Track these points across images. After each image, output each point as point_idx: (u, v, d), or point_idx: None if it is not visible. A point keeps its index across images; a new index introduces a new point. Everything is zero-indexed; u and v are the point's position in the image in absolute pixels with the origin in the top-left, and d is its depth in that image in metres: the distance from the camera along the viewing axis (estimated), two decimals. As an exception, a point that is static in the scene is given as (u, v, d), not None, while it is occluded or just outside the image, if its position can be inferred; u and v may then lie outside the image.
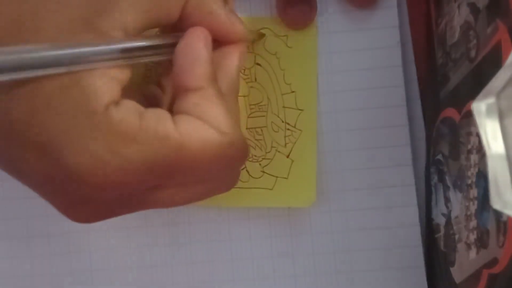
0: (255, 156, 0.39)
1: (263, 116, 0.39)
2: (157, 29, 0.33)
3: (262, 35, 0.39)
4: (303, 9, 0.38)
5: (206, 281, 0.40)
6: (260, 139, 0.39)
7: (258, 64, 0.39)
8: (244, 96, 0.39)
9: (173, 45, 0.31)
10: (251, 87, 0.39)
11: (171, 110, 0.31)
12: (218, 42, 0.33)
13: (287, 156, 0.39)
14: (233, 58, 0.33)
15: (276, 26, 0.39)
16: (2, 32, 0.28)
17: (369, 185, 0.39)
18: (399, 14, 0.39)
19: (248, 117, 0.39)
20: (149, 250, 0.40)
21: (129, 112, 0.28)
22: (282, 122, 0.39)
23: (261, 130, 0.39)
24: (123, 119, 0.28)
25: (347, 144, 0.39)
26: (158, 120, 0.29)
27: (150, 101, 0.32)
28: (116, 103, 0.28)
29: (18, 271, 0.40)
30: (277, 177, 0.39)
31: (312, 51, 0.39)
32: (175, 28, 0.32)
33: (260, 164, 0.39)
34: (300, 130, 0.39)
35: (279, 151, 0.39)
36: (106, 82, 0.28)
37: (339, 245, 0.39)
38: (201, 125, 0.30)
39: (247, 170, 0.39)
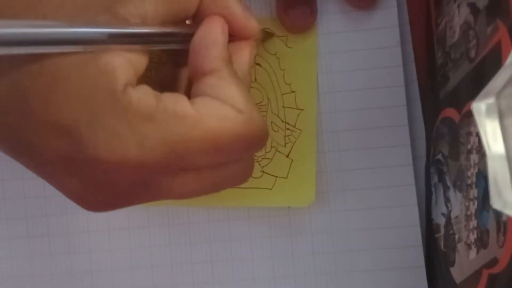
0: (255, 156, 0.39)
1: (263, 116, 0.39)
2: None
3: (270, 35, 0.39)
4: (304, 11, 0.38)
5: (206, 281, 0.40)
6: (260, 139, 0.39)
7: (258, 64, 0.39)
8: None
9: (189, 35, 0.32)
10: (251, 87, 0.39)
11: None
12: (230, 37, 0.33)
13: (287, 156, 0.39)
14: (244, 53, 0.34)
15: (276, 26, 0.39)
16: (20, 6, 0.28)
17: (369, 185, 0.39)
18: (399, 14, 0.39)
19: (248, 117, 0.39)
20: (149, 250, 0.40)
21: (147, 93, 0.29)
22: (282, 122, 0.39)
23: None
24: (141, 99, 0.28)
25: (347, 144, 0.39)
26: (175, 100, 0.29)
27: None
28: (133, 85, 0.29)
29: (18, 271, 0.40)
30: (276, 177, 0.39)
31: (312, 51, 0.39)
32: (194, 20, 0.33)
33: (259, 164, 0.39)
34: (300, 130, 0.39)
35: (278, 151, 0.39)
36: (123, 64, 0.28)
37: (339, 245, 0.39)
38: (218, 103, 0.30)
39: (247, 170, 0.39)
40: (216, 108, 0.29)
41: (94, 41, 0.28)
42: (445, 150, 0.36)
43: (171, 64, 0.34)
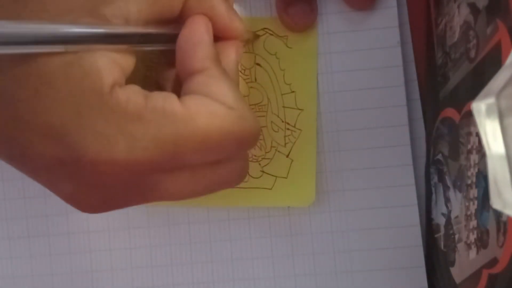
0: (255, 156, 0.39)
1: (263, 116, 0.39)
2: None
3: (257, 36, 0.39)
4: (304, 9, 0.38)
5: (206, 281, 0.40)
6: (260, 139, 0.39)
7: (258, 64, 0.39)
8: (244, 96, 0.39)
9: (173, 36, 0.31)
10: (251, 87, 0.39)
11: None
12: (216, 38, 0.33)
13: (287, 156, 0.39)
14: (230, 52, 0.34)
15: (276, 26, 0.39)
16: (3, 9, 0.28)
17: (369, 185, 0.39)
18: (399, 14, 0.39)
19: (248, 117, 0.39)
20: (149, 250, 0.40)
21: (135, 92, 0.29)
22: (282, 122, 0.39)
23: (261, 130, 0.39)
24: (129, 99, 0.28)
25: (347, 144, 0.39)
26: (164, 99, 0.29)
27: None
28: (120, 85, 0.28)
29: (18, 271, 0.40)
30: (276, 176, 0.39)
31: (312, 51, 0.39)
32: (178, 21, 0.32)
33: (259, 164, 0.39)
34: (300, 129, 0.39)
35: (278, 151, 0.39)
36: (108, 64, 0.28)
37: (339, 245, 0.39)
38: (208, 100, 0.30)
39: (247, 170, 0.39)
40: (206, 105, 0.29)
41: (76, 41, 0.28)
42: (445, 150, 0.36)
43: (166, 63, 0.34)
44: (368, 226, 0.39)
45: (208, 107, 0.29)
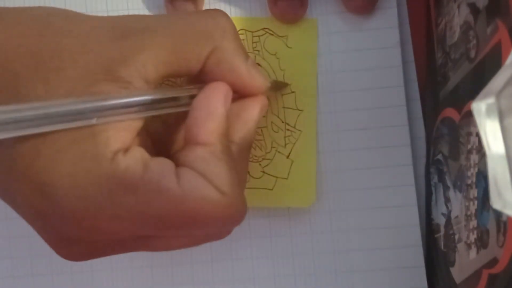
0: (255, 156, 0.39)
1: (263, 116, 0.39)
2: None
3: (285, 84, 0.39)
4: (293, 3, 0.39)
5: (206, 281, 0.40)
6: (260, 140, 0.39)
7: (258, 64, 0.39)
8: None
9: (191, 97, 0.31)
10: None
11: (175, 155, 0.31)
12: (239, 95, 0.33)
13: (287, 157, 0.39)
14: (253, 110, 0.33)
15: (276, 26, 0.39)
16: (20, 65, 0.28)
17: (369, 185, 0.39)
18: (399, 14, 0.39)
19: (248, 117, 0.39)
20: (149, 250, 0.40)
21: (135, 161, 0.29)
22: (282, 122, 0.39)
23: (261, 131, 0.39)
24: (128, 168, 0.28)
25: (347, 144, 0.39)
26: (162, 173, 0.29)
27: (153, 138, 0.32)
28: (125, 150, 0.29)
29: (18, 271, 0.40)
30: (277, 177, 0.39)
31: (312, 51, 0.39)
32: (198, 76, 0.32)
33: (260, 164, 0.39)
34: (300, 130, 0.39)
35: (279, 152, 0.39)
36: (119, 132, 0.28)
37: (339, 245, 0.39)
38: (203, 182, 0.29)
39: (247, 170, 0.39)
40: (201, 187, 0.29)
41: (94, 115, 0.28)
42: (445, 150, 0.36)
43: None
44: (368, 226, 0.39)
45: (202, 190, 0.29)
